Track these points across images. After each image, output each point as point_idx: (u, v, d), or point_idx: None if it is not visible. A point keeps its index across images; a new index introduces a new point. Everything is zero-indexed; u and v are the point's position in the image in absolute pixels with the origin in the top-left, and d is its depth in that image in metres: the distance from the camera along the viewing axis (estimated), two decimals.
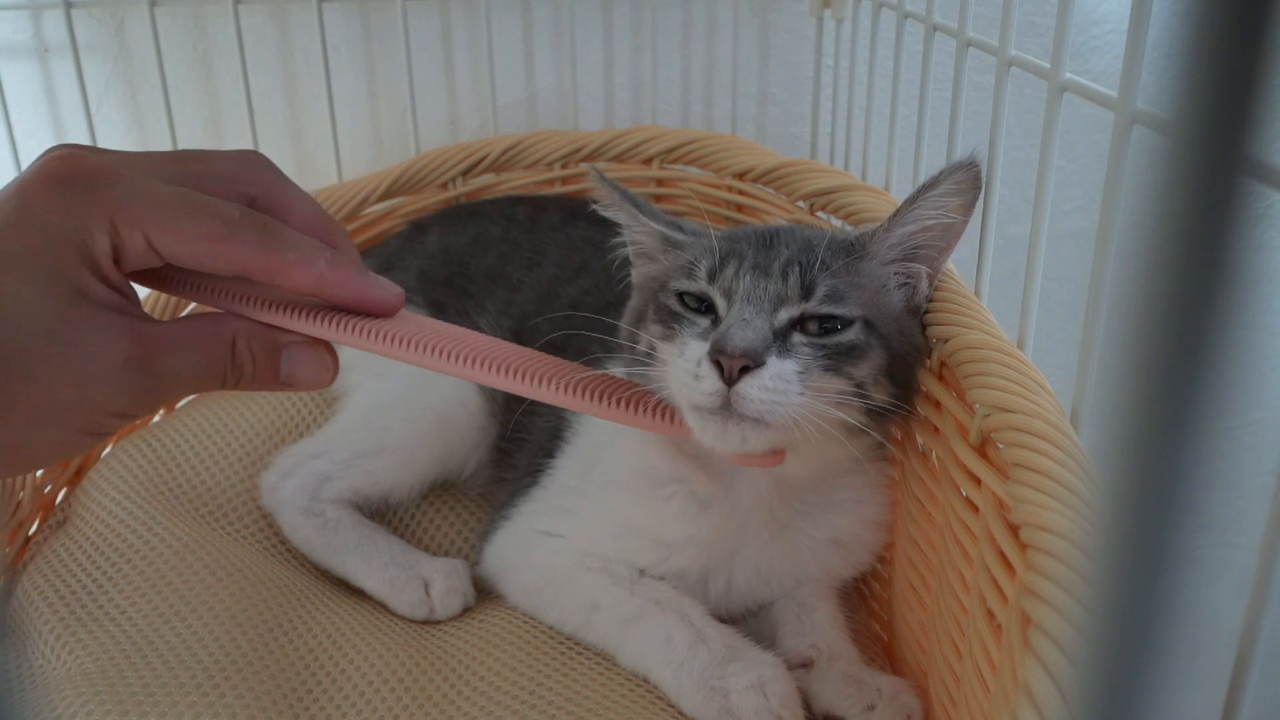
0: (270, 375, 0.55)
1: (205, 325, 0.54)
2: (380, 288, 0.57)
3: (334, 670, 0.70)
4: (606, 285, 0.85)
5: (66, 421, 0.49)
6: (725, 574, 0.74)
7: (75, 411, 0.49)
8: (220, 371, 0.54)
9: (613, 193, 0.73)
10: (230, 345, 0.54)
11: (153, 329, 0.51)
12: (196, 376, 0.53)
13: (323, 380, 0.57)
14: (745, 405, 0.59)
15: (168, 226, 0.49)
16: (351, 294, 0.55)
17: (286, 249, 0.52)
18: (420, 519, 0.89)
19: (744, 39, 1.18)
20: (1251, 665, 0.44)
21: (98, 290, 0.49)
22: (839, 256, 0.66)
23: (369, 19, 1.13)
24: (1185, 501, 0.18)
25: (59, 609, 0.72)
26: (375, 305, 0.57)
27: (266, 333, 0.55)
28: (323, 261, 0.53)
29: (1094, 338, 0.58)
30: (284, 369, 0.56)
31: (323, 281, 0.53)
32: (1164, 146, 0.17)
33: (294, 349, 0.56)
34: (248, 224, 0.51)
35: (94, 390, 0.49)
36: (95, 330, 0.49)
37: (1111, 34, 1.17)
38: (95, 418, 0.50)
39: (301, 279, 0.53)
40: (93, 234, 0.48)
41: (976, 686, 0.56)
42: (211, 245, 0.50)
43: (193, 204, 0.50)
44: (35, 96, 1.10)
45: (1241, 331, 0.17)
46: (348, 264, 0.55)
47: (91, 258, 0.49)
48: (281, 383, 0.56)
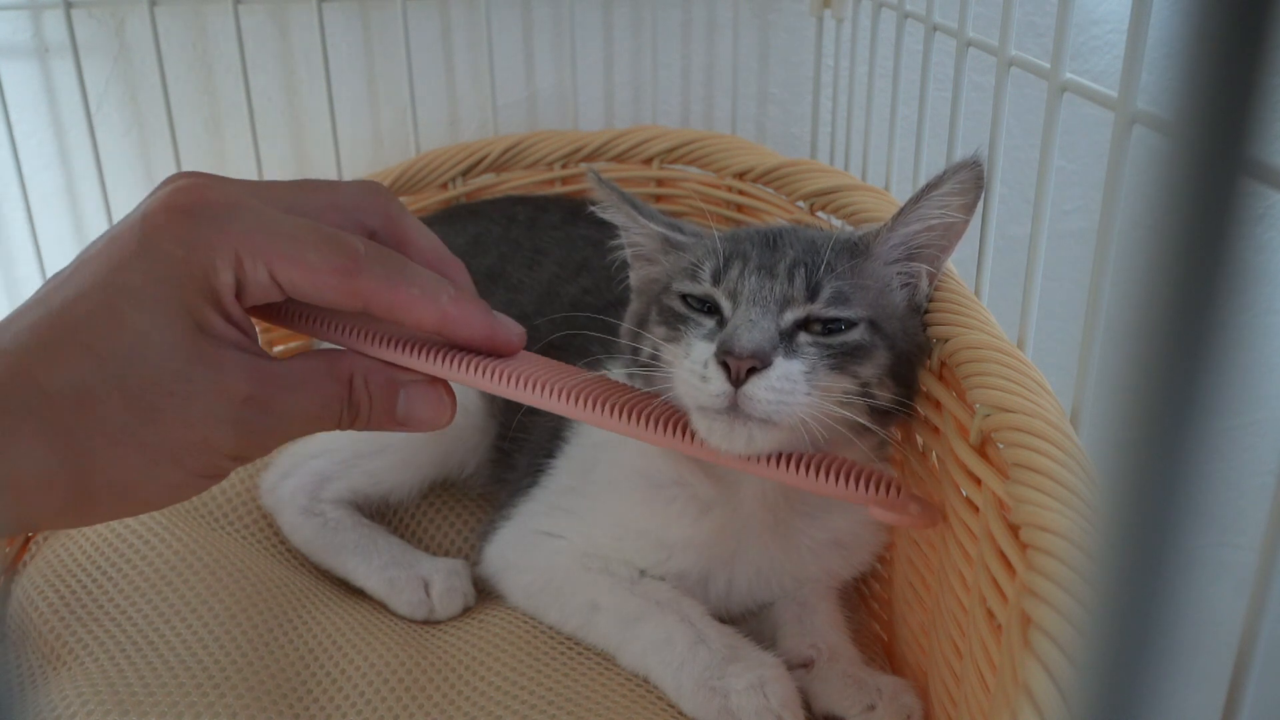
0: (387, 415, 0.53)
1: (324, 363, 0.51)
2: (504, 326, 0.55)
3: (334, 670, 0.70)
4: (607, 285, 0.85)
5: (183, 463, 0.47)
6: (726, 575, 0.74)
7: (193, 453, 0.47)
8: (337, 411, 0.52)
9: (611, 194, 0.73)
10: (348, 383, 0.52)
11: (272, 367, 0.49)
12: (314, 416, 0.51)
13: (440, 421, 0.55)
14: (753, 406, 0.59)
15: (292, 259, 0.47)
16: (475, 332, 0.54)
17: (410, 284, 0.50)
18: (420, 519, 0.89)
19: (744, 39, 1.18)
20: (1251, 665, 0.44)
21: (220, 326, 0.47)
22: (843, 258, 0.66)
23: (369, 19, 1.13)
24: (1185, 501, 0.18)
25: (59, 609, 0.72)
26: (500, 345, 0.55)
27: (384, 371, 0.53)
28: (446, 298, 0.51)
29: (1094, 338, 0.58)
30: (401, 409, 0.54)
31: (446, 318, 0.51)
32: (1164, 146, 0.17)
33: (412, 388, 0.54)
34: (373, 258, 0.49)
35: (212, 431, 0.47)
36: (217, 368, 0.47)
37: (1111, 34, 1.17)
38: (213, 459, 0.48)
39: (425, 316, 0.51)
40: (217, 268, 0.46)
41: (976, 686, 0.56)
42: (335, 280, 0.48)
43: (318, 236, 0.48)
44: (35, 96, 1.09)
45: (1241, 331, 0.17)
46: (471, 301, 0.53)
47: (214, 292, 0.47)
48: (398, 422, 0.54)
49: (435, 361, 0.54)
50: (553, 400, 0.56)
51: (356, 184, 0.54)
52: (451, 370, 0.54)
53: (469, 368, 0.54)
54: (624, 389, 0.60)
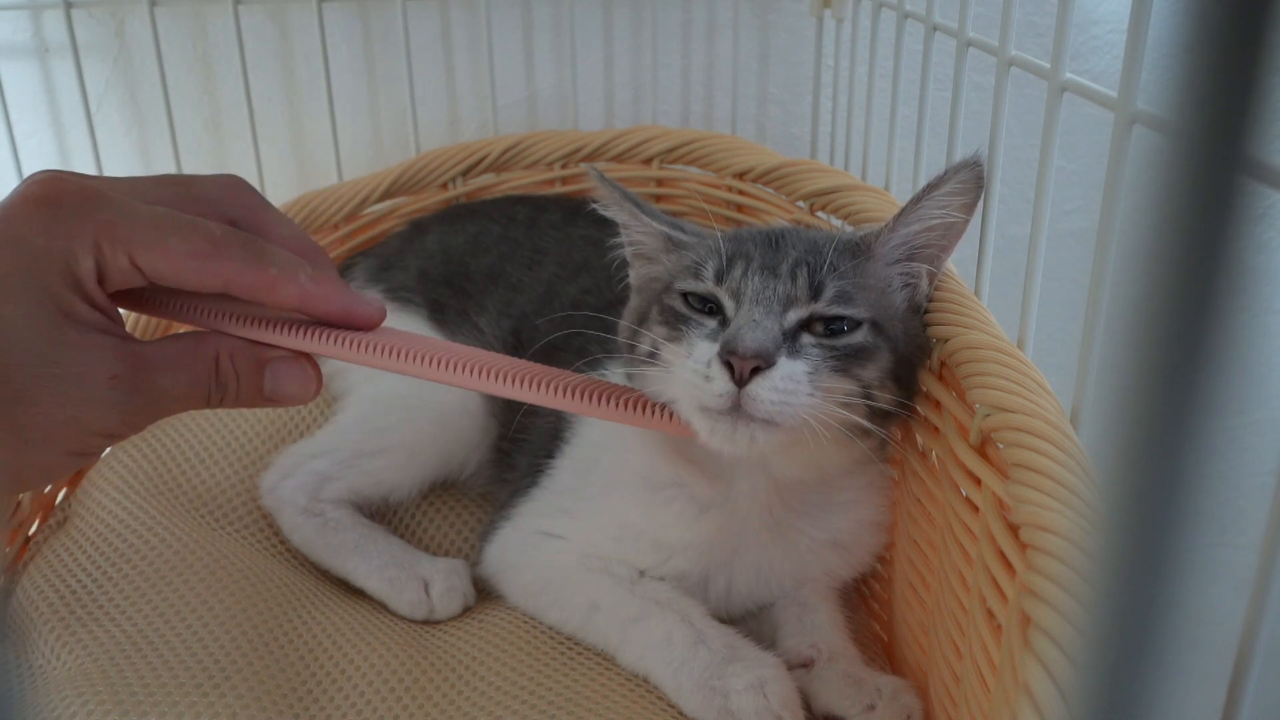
0: (255, 391, 0.56)
1: (189, 344, 0.54)
2: (363, 302, 0.57)
3: (334, 670, 0.70)
4: (607, 284, 0.85)
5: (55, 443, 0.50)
6: (725, 576, 0.74)
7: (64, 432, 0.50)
8: (205, 389, 0.54)
9: (613, 192, 0.73)
10: (214, 362, 0.54)
11: (138, 348, 0.52)
12: (182, 395, 0.53)
13: (307, 395, 0.57)
14: (756, 406, 0.58)
15: (152, 245, 0.50)
16: (335, 308, 0.56)
17: (269, 265, 0.53)
18: (420, 519, 0.89)
19: (744, 39, 1.18)
20: (1251, 665, 0.44)
21: (83, 311, 0.50)
22: (845, 258, 0.66)
23: (369, 19, 1.13)
24: (1185, 501, 0.18)
25: (59, 609, 0.72)
26: (358, 319, 0.57)
27: (250, 349, 0.56)
28: (305, 277, 0.54)
29: (1094, 338, 0.58)
30: (268, 384, 0.56)
31: (306, 296, 0.54)
32: (1164, 146, 0.17)
33: (278, 364, 0.56)
34: (232, 241, 0.52)
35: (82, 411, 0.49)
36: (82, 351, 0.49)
37: (1111, 34, 1.17)
38: (84, 438, 0.51)
39: (285, 294, 0.53)
40: (77, 254, 0.49)
41: (976, 686, 0.56)
42: (196, 262, 0.51)
43: (177, 222, 0.51)
44: (35, 96, 1.10)
45: (1241, 331, 0.17)
46: (330, 279, 0.55)
47: (76, 278, 0.49)
48: (266, 398, 0.56)
49: (297, 336, 0.56)
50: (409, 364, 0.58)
51: (217, 177, 0.57)
52: (313, 343, 0.56)
53: (330, 340, 0.57)
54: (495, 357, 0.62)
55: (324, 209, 1.01)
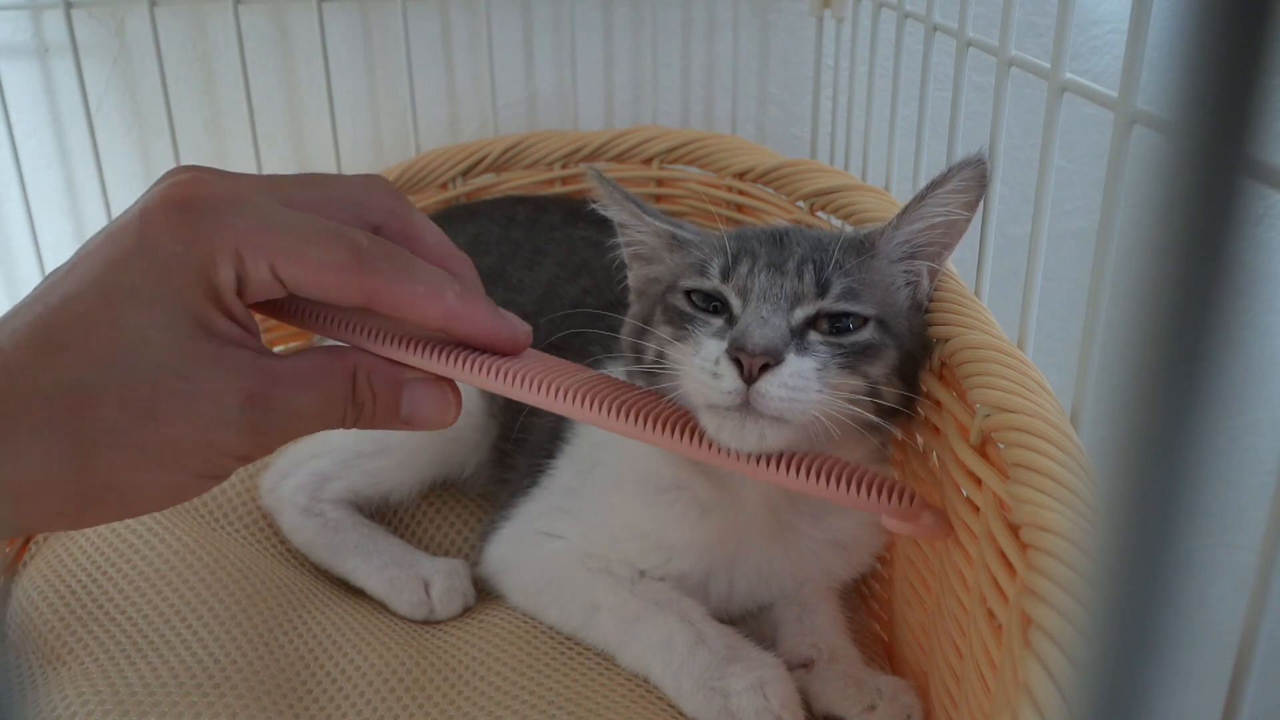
0: (391, 413, 0.52)
1: (326, 360, 0.50)
2: (510, 325, 0.54)
3: (334, 670, 0.70)
4: (607, 285, 0.85)
5: (184, 464, 0.46)
6: (726, 577, 0.74)
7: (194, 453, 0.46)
8: (341, 408, 0.51)
9: (613, 192, 0.73)
10: (351, 381, 0.51)
11: (274, 365, 0.48)
12: (317, 415, 0.50)
13: (446, 420, 0.54)
14: (765, 403, 0.58)
15: (295, 255, 0.46)
16: (481, 330, 0.52)
17: (416, 281, 0.49)
18: (420, 519, 0.89)
19: (744, 39, 1.18)
20: (1251, 665, 0.44)
21: (221, 324, 0.46)
22: (851, 255, 0.66)
23: (369, 19, 1.13)
24: (1185, 501, 0.18)
25: (59, 609, 0.72)
26: (505, 343, 0.54)
27: (389, 369, 0.52)
28: (452, 295, 0.50)
29: (1094, 338, 0.58)
30: (405, 407, 0.53)
31: (451, 316, 0.50)
32: (1164, 146, 0.17)
33: (417, 386, 0.53)
34: (377, 253, 0.48)
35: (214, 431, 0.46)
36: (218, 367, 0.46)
37: (1111, 34, 1.17)
38: (214, 460, 0.47)
39: (430, 313, 0.50)
40: (217, 264, 0.45)
41: (977, 686, 0.56)
42: (340, 275, 0.47)
43: (321, 231, 0.47)
44: (35, 96, 1.10)
45: (1241, 331, 0.17)
46: (476, 298, 0.52)
47: (215, 289, 0.46)
48: (402, 421, 0.53)
49: (441, 360, 0.53)
50: (559, 401, 0.55)
51: (361, 178, 0.53)
52: (457, 369, 0.53)
53: (475, 367, 0.53)
54: (631, 389, 0.59)
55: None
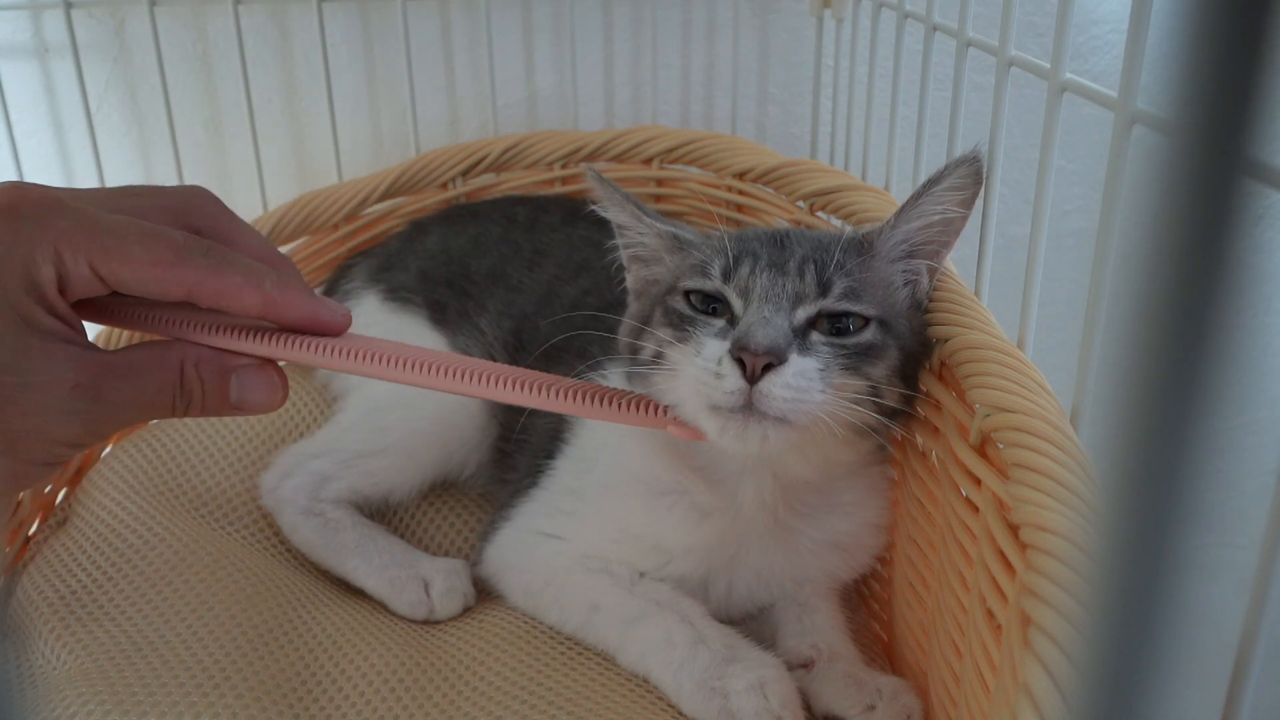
0: (221, 399, 0.55)
1: (153, 352, 0.54)
2: (328, 307, 0.57)
3: (334, 670, 0.70)
4: (607, 286, 0.85)
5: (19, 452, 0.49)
6: (726, 579, 0.74)
7: (27, 441, 0.49)
8: (170, 397, 0.54)
9: (614, 194, 0.73)
10: (179, 371, 0.54)
11: (100, 357, 0.51)
12: (146, 403, 0.53)
13: (274, 402, 0.57)
14: (768, 404, 0.58)
15: (113, 252, 0.50)
16: (299, 314, 0.56)
17: (234, 272, 0.52)
18: (420, 519, 0.89)
19: (744, 39, 1.18)
20: (1251, 665, 0.44)
21: (44, 320, 0.49)
22: (851, 255, 0.66)
23: (369, 19, 1.13)
24: (1185, 501, 0.18)
25: (59, 609, 0.72)
26: (324, 325, 0.57)
27: (215, 357, 0.55)
28: (269, 283, 0.53)
29: (1094, 338, 0.58)
30: (234, 392, 0.56)
31: (270, 303, 0.54)
32: (1164, 146, 0.17)
33: (244, 372, 0.56)
34: (194, 248, 0.52)
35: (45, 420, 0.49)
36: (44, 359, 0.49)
37: (1111, 34, 1.17)
38: (48, 447, 0.50)
39: (249, 301, 0.53)
40: (37, 263, 0.48)
41: (976, 686, 0.56)
42: (158, 270, 0.51)
43: (138, 230, 0.51)
44: (35, 96, 1.10)
45: (1241, 331, 0.17)
46: (294, 285, 0.55)
47: (37, 287, 0.49)
48: (233, 406, 0.56)
49: (261, 343, 0.56)
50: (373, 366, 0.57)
51: (180, 188, 0.57)
52: (277, 349, 0.56)
53: (296, 345, 0.56)
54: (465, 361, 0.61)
55: (324, 209, 1.01)
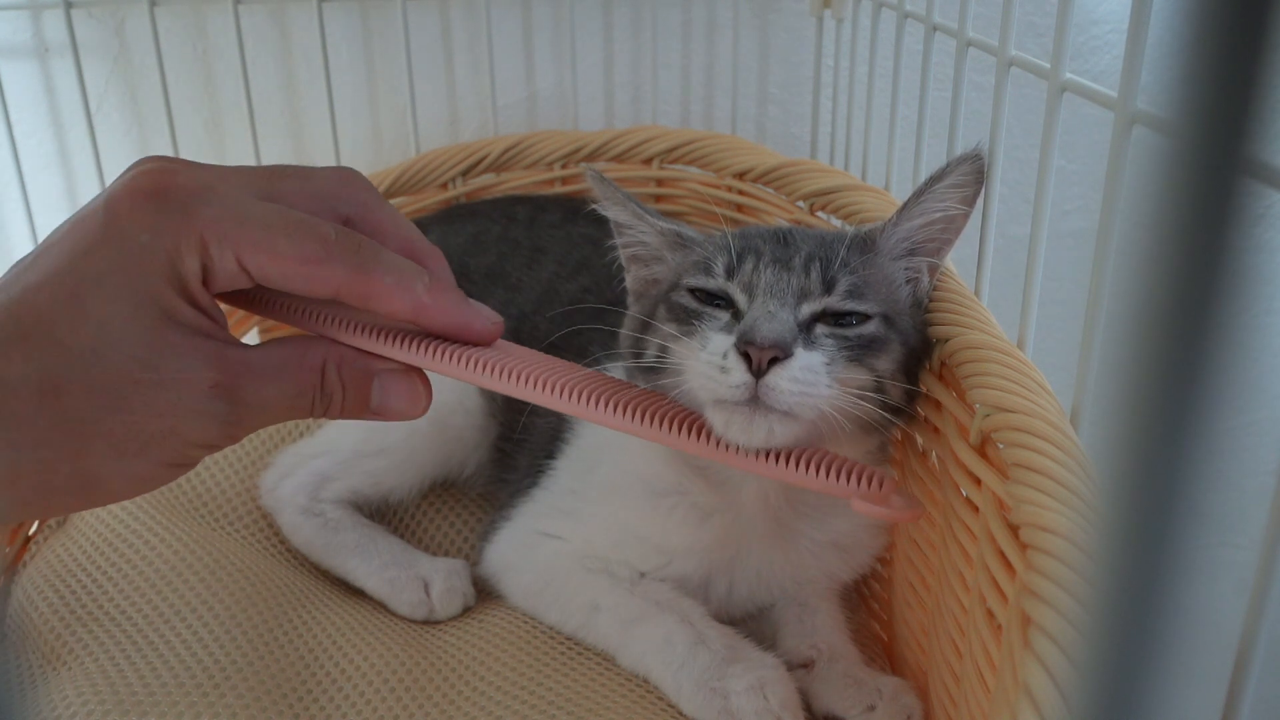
0: (361, 404, 0.52)
1: (294, 351, 0.51)
2: (480, 316, 0.54)
3: (334, 670, 0.70)
4: (606, 284, 0.85)
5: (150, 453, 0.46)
6: (727, 579, 0.74)
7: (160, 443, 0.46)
8: (310, 399, 0.51)
9: (614, 193, 0.73)
10: (320, 372, 0.51)
11: (241, 355, 0.48)
12: (285, 405, 0.50)
13: (415, 410, 0.54)
14: (774, 397, 0.58)
15: (261, 246, 0.47)
16: (450, 321, 0.52)
17: (384, 272, 0.49)
18: (420, 519, 0.89)
19: (744, 39, 1.18)
20: (1251, 665, 0.44)
21: (186, 313, 0.47)
22: (855, 253, 0.66)
23: (369, 19, 1.13)
24: (1185, 501, 0.18)
25: (59, 609, 0.72)
26: (474, 334, 0.54)
27: (358, 359, 0.52)
28: (420, 287, 0.50)
29: (1094, 338, 0.58)
30: (375, 398, 0.53)
31: (420, 307, 0.50)
32: (1164, 146, 0.17)
33: (387, 377, 0.53)
34: (345, 245, 0.48)
35: (181, 421, 0.46)
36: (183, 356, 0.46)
37: (1111, 34, 1.17)
38: (181, 449, 0.47)
39: (399, 304, 0.50)
40: (182, 254, 0.46)
41: (976, 686, 0.56)
42: (306, 267, 0.47)
43: (288, 223, 0.47)
44: (35, 96, 1.10)
45: (1241, 331, 0.17)
46: (446, 290, 0.52)
47: (180, 279, 0.46)
48: (372, 412, 0.53)
49: (411, 350, 0.53)
50: (532, 390, 0.55)
51: (333, 170, 0.53)
52: (427, 358, 0.53)
53: (445, 356, 0.53)
54: (616, 383, 0.59)
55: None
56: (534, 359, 0.57)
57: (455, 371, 0.54)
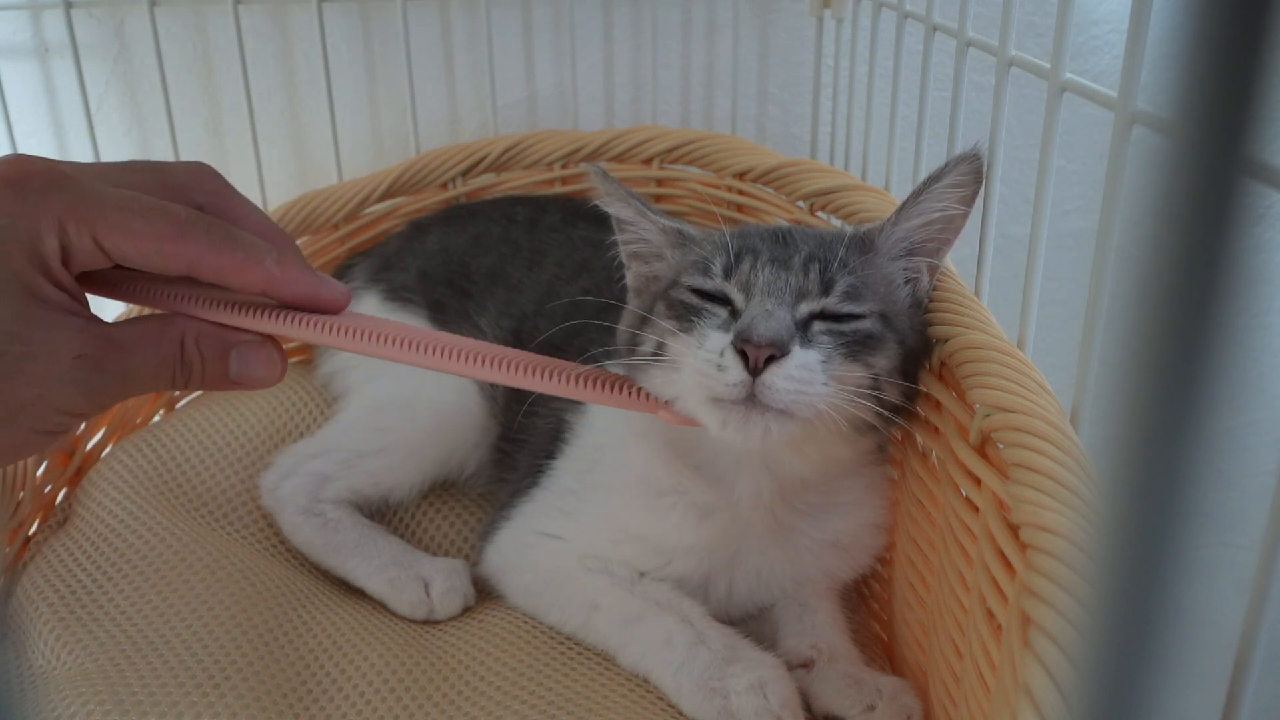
0: (220, 374, 0.56)
1: (155, 325, 0.55)
2: (328, 285, 0.58)
3: (334, 670, 0.70)
4: (607, 285, 0.85)
5: (22, 421, 0.50)
6: (726, 579, 0.74)
7: (31, 410, 0.50)
8: (170, 370, 0.55)
9: (617, 189, 0.73)
10: (179, 344, 0.55)
11: (103, 329, 0.52)
12: (148, 375, 0.54)
13: (272, 378, 0.58)
14: (771, 396, 0.58)
15: (116, 226, 0.50)
16: (300, 291, 0.56)
17: (235, 248, 0.53)
18: (420, 519, 0.89)
19: (744, 39, 1.18)
20: (1251, 665, 0.44)
21: (48, 291, 0.50)
22: (854, 253, 0.66)
23: (369, 19, 1.13)
24: (1185, 501, 0.18)
25: (59, 609, 0.72)
26: (325, 302, 0.58)
27: (216, 332, 0.56)
28: (270, 260, 0.54)
29: (1094, 338, 0.58)
30: (234, 368, 0.57)
31: (271, 279, 0.54)
32: (1164, 146, 0.17)
33: (244, 348, 0.57)
34: (196, 224, 0.52)
35: (49, 389, 0.50)
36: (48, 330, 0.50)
37: (1111, 34, 1.17)
38: (50, 416, 0.51)
39: (250, 277, 0.54)
40: (41, 235, 0.49)
41: (976, 686, 0.56)
42: (160, 244, 0.51)
43: (141, 205, 0.51)
44: (35, 96, 1.10)
45: (1241, 331, 0.17)
46: (295, 262, 0.56)
47: (41, 258, 0.50)
48: (231, 381, 0.57)
49: (262, 319, 0.56)
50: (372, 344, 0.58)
51: (185, 164, 0.57)
52: (278, 325, 0.57)
53: (297, 323, 0.57)
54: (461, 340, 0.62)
55: (324, 209, 1.01)
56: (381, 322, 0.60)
57: (306, 335, 0.57)
